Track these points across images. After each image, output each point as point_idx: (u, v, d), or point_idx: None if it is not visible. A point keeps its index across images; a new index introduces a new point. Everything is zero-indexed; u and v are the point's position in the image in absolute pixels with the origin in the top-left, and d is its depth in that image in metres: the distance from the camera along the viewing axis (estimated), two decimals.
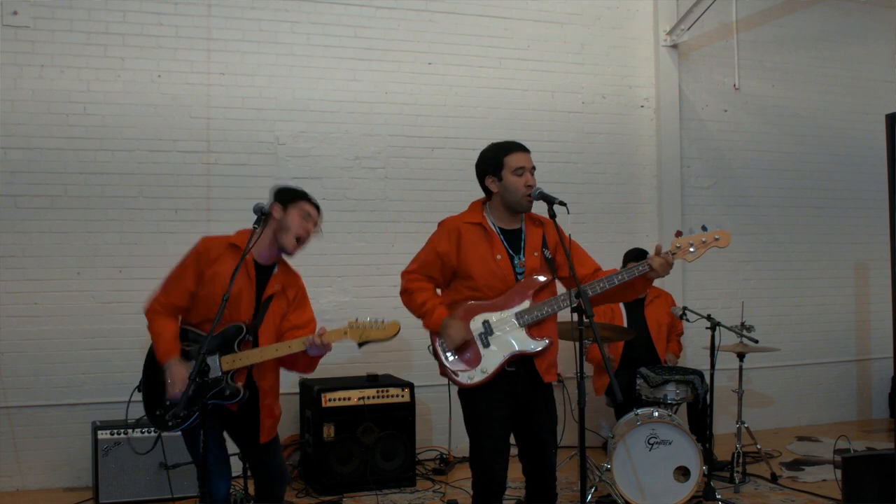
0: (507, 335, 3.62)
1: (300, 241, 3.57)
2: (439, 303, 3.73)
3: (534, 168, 3.71)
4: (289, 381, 6.00)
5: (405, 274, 3.83)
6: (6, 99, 5.59)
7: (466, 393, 3.68)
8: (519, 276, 3.66)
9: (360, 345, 3.56)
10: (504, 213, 3.73)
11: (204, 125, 6.00)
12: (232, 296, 3.39)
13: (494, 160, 3.70)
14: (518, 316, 3.61)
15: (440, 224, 3.82)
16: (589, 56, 6.99)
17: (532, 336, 3.62)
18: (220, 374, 3.48)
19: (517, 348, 3.61)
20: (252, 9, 6.12)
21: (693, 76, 7.27)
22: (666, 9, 7.08)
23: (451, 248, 3.69)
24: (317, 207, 3.67)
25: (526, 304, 3.62)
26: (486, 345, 3.62)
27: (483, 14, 6.69)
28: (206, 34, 6.01)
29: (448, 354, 3.68)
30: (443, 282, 3.80)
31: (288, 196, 3.62)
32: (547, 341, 3.63)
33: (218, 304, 3.37)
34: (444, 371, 3.71)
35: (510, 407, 3.65)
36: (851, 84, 7.82)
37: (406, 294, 3.80)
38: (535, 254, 3.70)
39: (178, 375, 3.41)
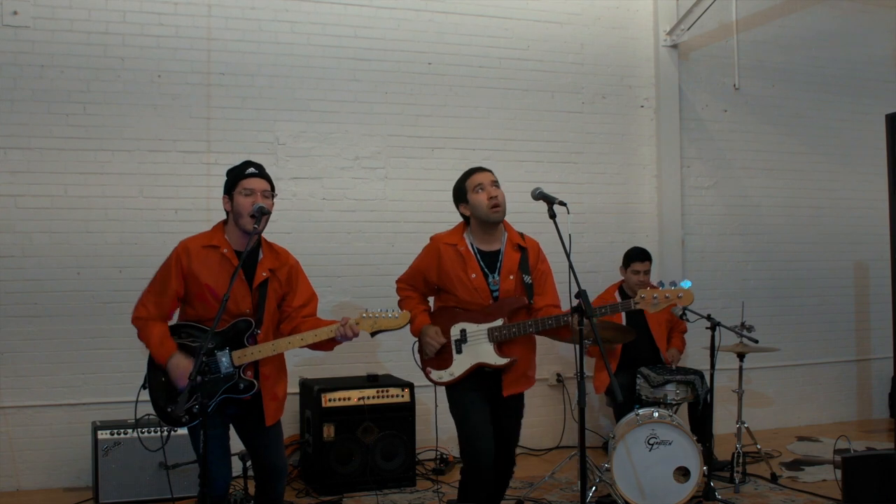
0: (476, 346, 3.97)
1: (254, 216, 3.54)
2: (423, 310, 4.18)
3: (495, 182, 4.00)
4: (289, 381, 5.98)
5: (397, 282, 4.29)
6: (6, 99, 5.59)
7: (449, 386, 4.07)
8: (494, 293, 3.98)
9: (373, 334, 3.72)
10: (482, 234, 4.03)
11: (204, 125, 5.99)
12: (222, 293, 3.45)
13: (460, 189, 4.06)
14: (490, 332, 3.94)
15: (430, 239, 4.18)
16: (589, 56, 6.98)
17: (500, 352, 3.95)
18: (232, 368, 3.56)
19: (482, 360, 3.96)
20: (252, 9, 6.11)
21: (693, 76, 7.27)
22: (666, 9, 7.07)
23: (432, 267, 4.07)
24: (256, 173, 3.65)
25: (499, 322, 3.94)
26: (459, 351, 4.00)
27: (483, 14, 6.68)
28: (206, 34, 6.01)
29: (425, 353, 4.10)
30: (427, 292, 4.21)
31: (228, 184, 3.68)
32: (510, 359, 3.95)
33: (207, 301, 3.55)
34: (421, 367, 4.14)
35: (488, 398, 4.03)
36: (851, 84, 7.81)
37: (398, 302, 4.25)
38: (511, 276, 4.00)
39: (179, 368, 3.50)
